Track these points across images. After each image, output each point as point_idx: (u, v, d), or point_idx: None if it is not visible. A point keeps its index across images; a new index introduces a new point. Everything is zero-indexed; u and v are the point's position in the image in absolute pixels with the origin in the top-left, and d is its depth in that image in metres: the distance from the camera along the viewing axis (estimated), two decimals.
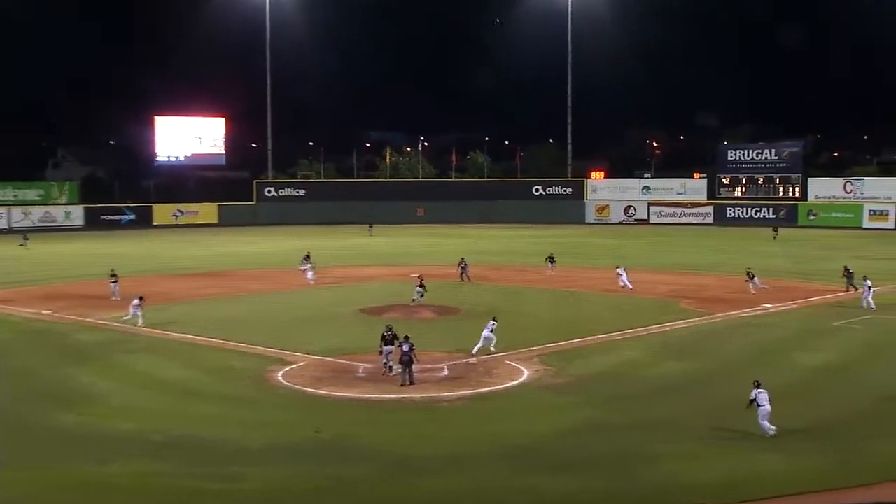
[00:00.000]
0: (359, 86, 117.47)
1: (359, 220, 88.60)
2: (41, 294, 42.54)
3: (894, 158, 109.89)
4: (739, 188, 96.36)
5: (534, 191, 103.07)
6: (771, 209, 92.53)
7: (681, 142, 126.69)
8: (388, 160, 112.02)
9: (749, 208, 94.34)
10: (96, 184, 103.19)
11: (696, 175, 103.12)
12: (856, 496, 16.55)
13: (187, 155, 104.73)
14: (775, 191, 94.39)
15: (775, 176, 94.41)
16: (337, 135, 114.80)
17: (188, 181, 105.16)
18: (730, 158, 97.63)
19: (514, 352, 27.98)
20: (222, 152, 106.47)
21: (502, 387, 24.42)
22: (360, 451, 18.94)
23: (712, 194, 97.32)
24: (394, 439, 19.71)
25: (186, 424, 20.70)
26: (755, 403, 19.51)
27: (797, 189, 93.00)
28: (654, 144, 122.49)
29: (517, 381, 24.98)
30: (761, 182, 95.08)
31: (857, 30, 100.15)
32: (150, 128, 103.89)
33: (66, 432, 20.32)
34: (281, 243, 72.42)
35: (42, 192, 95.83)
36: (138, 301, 33.60)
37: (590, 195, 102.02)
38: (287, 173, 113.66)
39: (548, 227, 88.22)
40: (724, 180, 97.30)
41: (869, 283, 36.88)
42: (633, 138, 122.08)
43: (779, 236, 74.22)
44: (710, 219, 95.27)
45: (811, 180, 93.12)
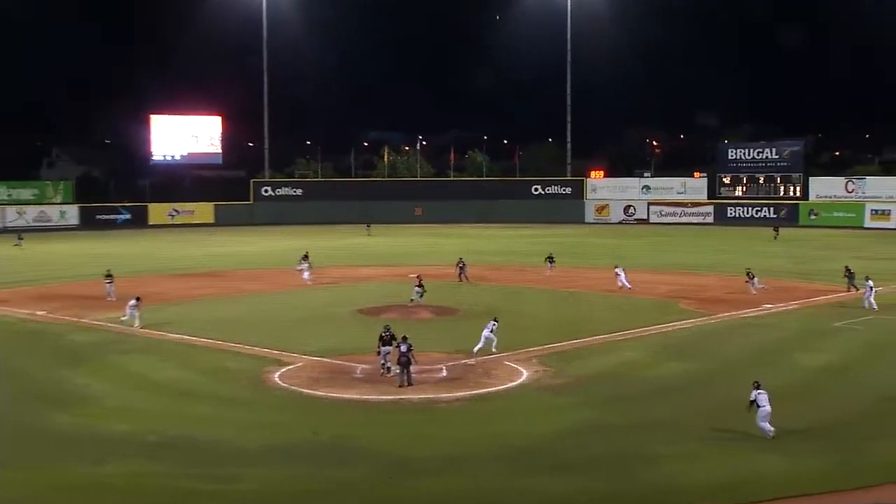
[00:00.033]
0: (356, 84, 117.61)
1: (356, 219, 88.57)
2: (36, 294, 42.51)
3: None
4: (740, 188, 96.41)
5: (533, 190, 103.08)
6: (772, 209, 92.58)
7: (681, 141, 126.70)
8: (386, 159, 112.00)
9: (750, 208, 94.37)
10: (91, 183, 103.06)
11: (696, 174, 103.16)
12: (857, 498, 16.56)
13: (183, 154, 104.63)
14: (776, 190, 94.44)
15: (776, 175, 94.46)
16: (334, 134, 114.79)
17: (184, 180, 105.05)
18: (730, 157, 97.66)
19: (512, 352, 27.96)
20: (219, 151, 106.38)
21: (501, 388, 24.42)
22: (357, 452, 18.93)
23: (713, 194, 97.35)
24: (392, 441, 19.70)
25: (182, 425, 20.68)
26: (755, 404, 19.51)
27: (798, 188, 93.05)
28: (654, 143, 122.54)
29: (516, 382, 24.97)
30: (762, 181, 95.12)
31: (858, 28, 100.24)
32: (145, 127, 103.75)
33: (60, 433, 20.31)
34: (278, 243, 72.39)
35: (37, 191, 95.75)
36: (135, 301, 33.53)
37: (589, 195, 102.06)
38: (284, 173, 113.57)
39: (547, 227, 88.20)
40: (724, 180, 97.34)
41: (871, 283, 36.90)
42: (633, 137, 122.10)
43: (780, 236, 74.26)
44: (710, 218, 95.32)
45: (812, 180, 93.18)
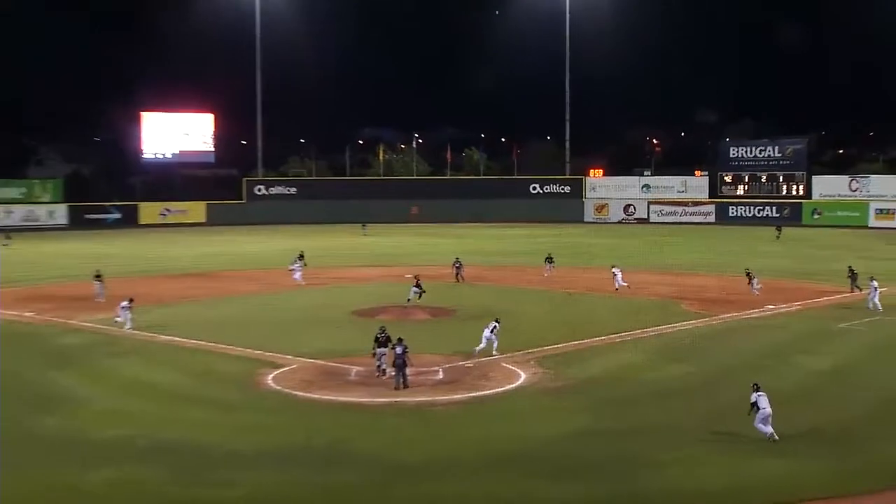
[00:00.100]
0: (351, 81, 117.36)
1: (352, 219, 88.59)
2: (23, 295, 42.43)
3: None
4: (742, 186, 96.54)
5: (531, 189, 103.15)
6: (774, 208, 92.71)
7: (682, 139, 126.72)
8: (381, 158, 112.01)
9: (752, 207, 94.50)
10: (81, 182, 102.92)
11: (697, 173, 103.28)
12: (861, 503, 16.56)
13: (175, 152, 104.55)
14: (779, 189, 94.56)
15: (779, 174, 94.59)
16: (329, 132, 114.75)
17: (176, 179, 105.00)
18: (732, 156, 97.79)
19: (510, 354, 27.94)
20: (211, 149, 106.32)
21: (499, 390, 24.40)
22: (352, 456, 18.91)
23: (714, 193, 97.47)
24: (387, 445, 19.68)
25: (172, 429, 20.63)
26: (756, 407, 19.51)
27: (801, 187, 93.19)
28: (654, 141, 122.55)
29: (514, 385, 24.95)
30: (764, 180, 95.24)
31: (862, 24, 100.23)
32: (136, 124, 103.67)
33: (48, 437, 20.24)
34: (271, 243, 72.39)
35: (24, 190, 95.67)
36: (128, 303, 33.38)
37: (588, 193, 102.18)
38: (278, 171, 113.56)
39: (545, 227, 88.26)
40: (726, 178, 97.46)
41: (875, 283, 36.87)
42: (633, 135, 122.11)
43: (782, 236, 74.39)
44: (711, 218, 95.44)
45: (815, 178, 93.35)
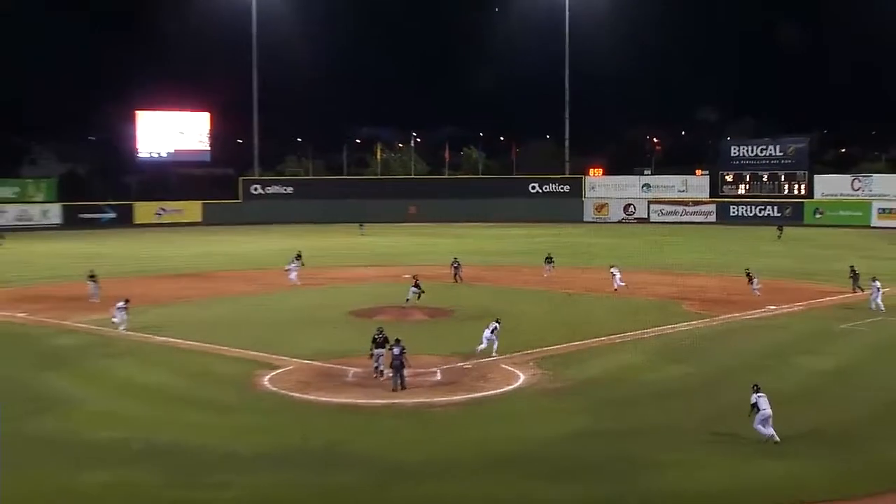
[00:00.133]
0: (349, 80, 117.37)
1: (349, 218, 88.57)
2: (16, 296, 42.39)
3: None
4: (743, 185, 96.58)
5: (530, 188, 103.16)
6: (776, 207, 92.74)
7: (682, 137, 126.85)
8: (378, 157, 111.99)
9: (753, 206, 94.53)
10: (75, 181, 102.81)
11: (697, 172, 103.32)
12: None
13: (170, 151, 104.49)
14: (780, 188, 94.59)
15: (780, 173, 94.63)
16: (326, 130, 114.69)
17: (171, 178, 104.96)
18: (733, 155, 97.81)
19: (509, 355, 27.93)
20: (207, 148, 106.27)
21: (497, 392, 24.40)
22: (349, 458, 18.90)
23: (715, 192, 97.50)
24: (385, 446, 19.67)
25: (168, 431, 20.60)
26: (756, 408, 19.52)
27: (803, 186, 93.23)
28: (655, 140, 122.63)
29: (513, 386, 24.95)
30: (766, 179, 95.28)
31: (865, 22, 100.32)
32: (131, 123, 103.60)
33: (41, 439, 20.19)
34: (268, 243, 72.37)
35: (18, 189, 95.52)
36: (124, 303, 33.25)
37: (588, 193, 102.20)
38: (274, 170, 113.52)
39: (544, 226, 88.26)
40: (727, 177, 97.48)
41: (878, 283, 36.84)
42: (633, 134, 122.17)
43: (784, 235, 74.43)
44: (712, 217, 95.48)
45: (817, 177, 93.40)
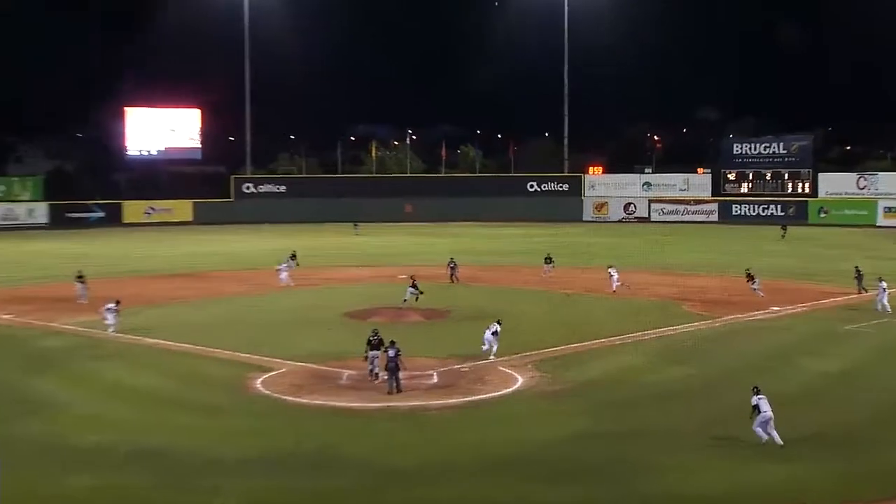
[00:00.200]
0: (343, 76, 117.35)
1: (343, 218, 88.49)
2: (2, 297, 42.28)
3: None
4: (746, 184, 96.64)
5: (528, 187, 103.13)
6: (779, 206, 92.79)
7: (683, 135, 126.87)
8: (373, 155, 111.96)
9: (756, 205, 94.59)
10: (62, 179, 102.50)
11: (699, 170, 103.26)
12: None
13: (160, 149, 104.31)
14: (784, 187, 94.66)
15: (784, 171, 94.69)
16: (319, 128, 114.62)
17: (161, 176, 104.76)
18: (735, 152, 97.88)
19: (507, 357, 27.96)
20: (198, 146, 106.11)
21: (495, 394, 24.44)
22: (343, 462, 18.92)
23: (717, 190, 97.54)
24: (379, 450, 19.69)
25: (157, 435, 20.60)
26: (757, 410, 19.57)
27: (807, 185, 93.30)
28: (655, 138, 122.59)
29: (511, 389, 24.98)
30: (769, 178, 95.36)
31: (869, 17, 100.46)
32: (120, 120, 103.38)
33: (27, 443, 20.17)
34: (260, 243, 72.35)
35: (3, 188, 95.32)
36: (114, 305, 33.14)
37: (587, 191, 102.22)
38: (267, 168, 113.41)
39: (543, 226, 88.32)
40: (729, 176, 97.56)
41: (884, 284, 36.85)
42: (633, 131, 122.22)
43: (788, 235, 74.50)
44: (714, 216, 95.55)
45: (822, 176, 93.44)
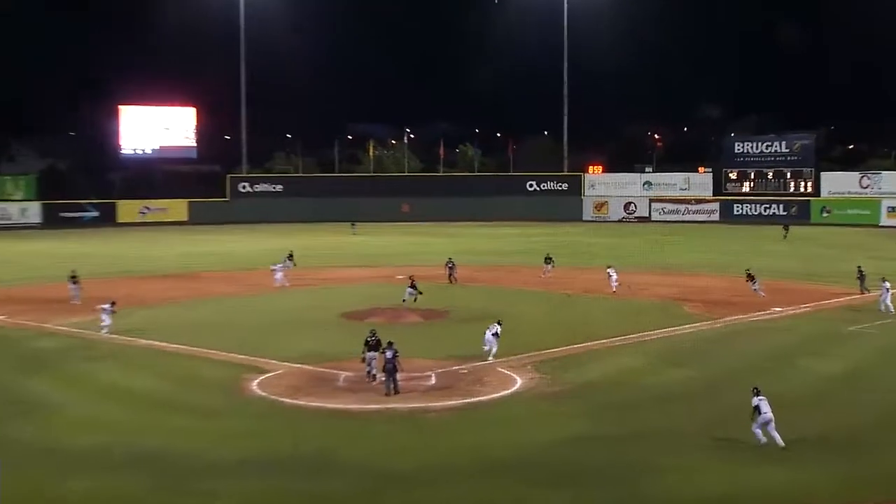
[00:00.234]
0: (340, 74, 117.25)
1: (340, 217, 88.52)
2: None
3: None
4: (747, 183, 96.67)
5: (527, 186, 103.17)
6: (781, 206, 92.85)
7: (684, 134, 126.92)
8: (371, 154, 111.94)
9: (758, 205, 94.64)
10: (55, 178, 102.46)
11: (700, 169, 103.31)
12: None
13: (155, 148, 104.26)
14: (786, 186, 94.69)
15: (786, 170, 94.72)
16: (316, 126, 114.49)
17: (156, 176, 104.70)
18: (737, 151, 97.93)
19: (506, 359, 27.97)
20: (193, 145, 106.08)
21: (494, 396, 24.45)
22: (340, 465, 18.92)
23: (718, 190, 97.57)
24: (377, 452, 19.70)
25: (152, 438, 20.60)
26: (758, 411, 19.59)
27: (809, 184, 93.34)
28: (656, 136, 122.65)
29: (510, 391, 24.99)
30: (771, 177, 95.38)
31: (874, 15, 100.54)
32: (114, 118, 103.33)
33: (21, 445, 20.17)
34: (256, 243, 72.33)
35: None
36: (110, 306, 33.14)
37: (587, 191, 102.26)
38: (263, 167, 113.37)
39: (542, 225, 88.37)
40: (730, 175, 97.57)
41: (887, 284, 36.90)
42: (634, 130, 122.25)
43: (790, 235, 74.57)
44: (715, 216, 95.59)
45: (824, 175, 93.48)
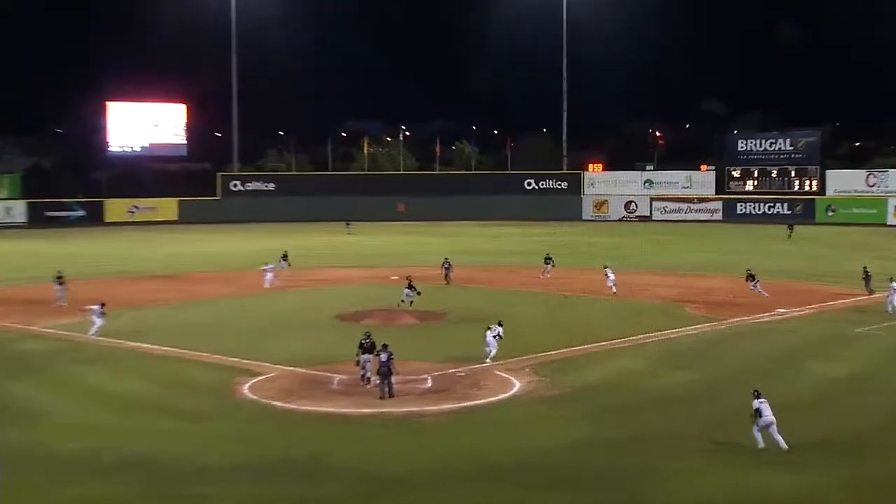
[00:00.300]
0: (334, 70, 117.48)
1: (334, 216, 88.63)
2: None
3: None
4: (751, 181, 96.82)
5: (526, 185, 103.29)
6: (786, 204, 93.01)
7: (686, 131, 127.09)
8: (366, 151, 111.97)
9: (761, 204, 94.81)
10: (41, 177, 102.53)
11: (702, 167, 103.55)
12: None
13: (144, 145, 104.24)
14: (790, 184, 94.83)
15: (790, 168, 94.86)
16: (309, 123, 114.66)
17: (145, 174, 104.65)
18: (740, 149, 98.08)
19: (503, 362, 27.97)
20: (183, 142, 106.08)
21: (491, 400, 24.43)
22: (334, 469, 18.92)
23: (721, 188, 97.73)
24: (371, 457, 19.69)
25: (141, 443, 20.56)
26: (759, 414, 19.61)
27: (814, 182, 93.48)
28: (657, 134, 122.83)
29: (507, 394, 24.99)
30: (775, 175, 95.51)
31: (880, 9, 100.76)
32: (101, 114, 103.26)
33: (7, 451, 20.06)
34: (248, 243, 72.33)
35: None
36: (99, 307, 33.02)
37: (587, 189, 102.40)
38: (255, 165, 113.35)
39: (541, 225, 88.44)
40: (733, 173, 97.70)
41: (895, 284, 36.91)
42: (634, 127, 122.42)
43: (794, 234, 74.69)
44: (718, 215, 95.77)
45: (830, 173, 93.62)
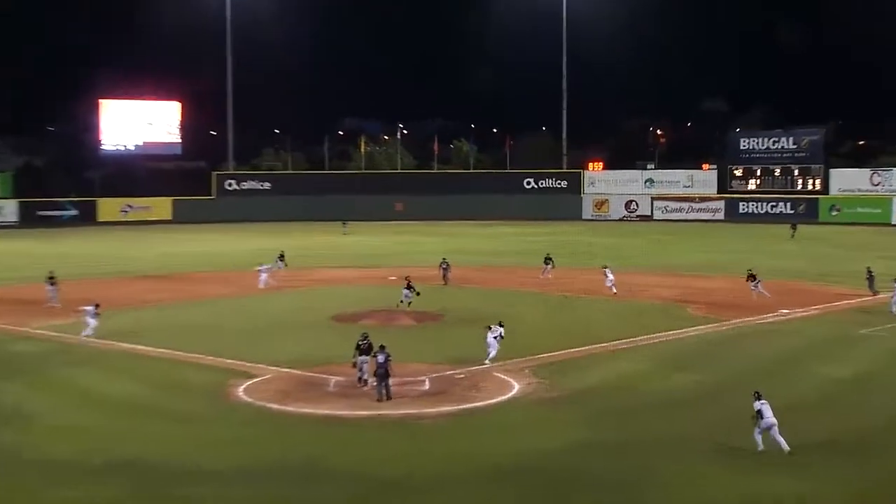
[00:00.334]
0: (331, 67, 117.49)
1: (331, 216, 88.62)
2: None
3: None
4: (753, 180, 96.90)
5: (525, 184, 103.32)
6: (789, 204, 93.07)
7: (687, 129, 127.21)
8: (363, 150, 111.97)
9: (764, 203, 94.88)
10: (33, 175, 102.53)
11: (704, 166, 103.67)
12: None
13: (137, 143, 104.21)
14: (793, 183, 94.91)
15: (793, 167, 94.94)
16: (306, 122, 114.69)
17: (138, 173, 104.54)
18: (742, 148, 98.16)
19: (502, 363, 27.94)
20: (177, 140, 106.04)
21: (490, 402, 24.40)
22: (330, 472, 18.88)
23: (723, 187, 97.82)
24: (368, 459, 19.65)
25: (133, 445, 20.51)
26: (760, 416, 19.56)
27: (818, 181, 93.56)
28: (658, 132, 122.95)
29: (507, 396, 24.95)
30: (778, 174, 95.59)
31: (880, 9, 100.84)
32: (94, 112, 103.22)
33: None
34: (244, 243, 72.35)
35: None
36: (93, 308, 32.95)
37: (587, 188, 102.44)
38: (250, 164, 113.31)
39: (540, 224, 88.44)
40: (736, 172, 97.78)
41: None
42: (635, 126, 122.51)
43: (797, 234, 74.72)
44: (720, 215, 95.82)
45: (833, 171, 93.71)
